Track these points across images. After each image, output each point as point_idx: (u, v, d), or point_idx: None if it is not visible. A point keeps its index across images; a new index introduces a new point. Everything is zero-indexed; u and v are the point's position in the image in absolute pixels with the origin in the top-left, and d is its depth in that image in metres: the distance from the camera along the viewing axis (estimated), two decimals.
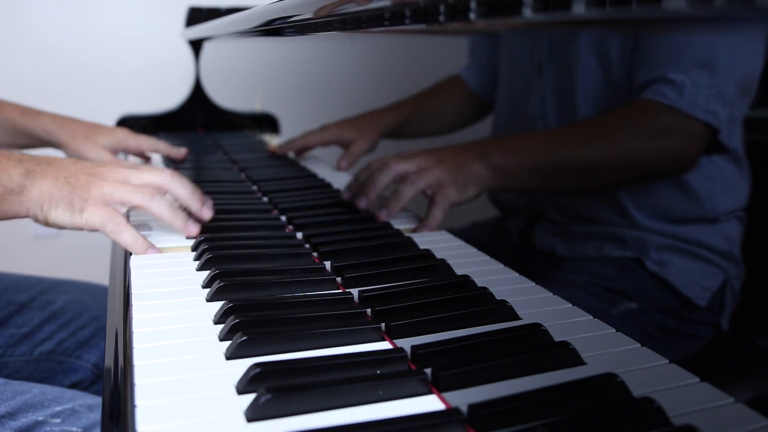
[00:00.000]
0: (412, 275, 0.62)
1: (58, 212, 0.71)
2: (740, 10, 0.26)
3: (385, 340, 0.50)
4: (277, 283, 0.60)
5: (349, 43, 0.93)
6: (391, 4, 0.53)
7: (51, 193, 0.71)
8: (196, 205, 0.76)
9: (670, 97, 0.50)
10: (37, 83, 1.90)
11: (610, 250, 0.55)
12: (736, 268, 0.45)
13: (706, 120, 0.48)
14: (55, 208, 0.71)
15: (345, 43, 0.95)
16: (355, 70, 0.96)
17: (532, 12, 0.35)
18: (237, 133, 1.57)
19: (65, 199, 0.71)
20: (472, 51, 0.73)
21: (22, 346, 0.95)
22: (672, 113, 0.51)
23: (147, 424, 0.39)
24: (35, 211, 0.71)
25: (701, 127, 0.49)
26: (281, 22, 0.84)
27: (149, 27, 1.98)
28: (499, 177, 0.69)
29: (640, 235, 0.52)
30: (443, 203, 0.72)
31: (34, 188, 0.70)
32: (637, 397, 0.41)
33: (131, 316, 0.54)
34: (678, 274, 0.50)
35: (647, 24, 0.47)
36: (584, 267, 0.59)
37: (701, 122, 0.49)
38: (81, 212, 0.71)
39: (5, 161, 0.71)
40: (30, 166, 0.71)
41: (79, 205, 0.71)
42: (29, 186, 0.70)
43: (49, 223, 0.72)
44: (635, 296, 0.53)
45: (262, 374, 0.42)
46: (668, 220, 0.51)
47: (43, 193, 0.71)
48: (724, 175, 0.47)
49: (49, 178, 0.71)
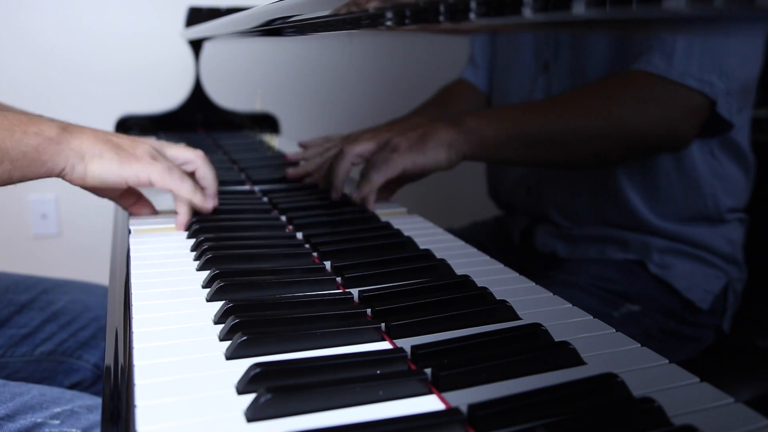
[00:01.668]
0: (412, 275, 0.62)
1: (103, 162, 0.70)
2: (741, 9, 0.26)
3: (385, 340, 0.50)
4: (277, 283, 0.60)
5: (349, 43, 0.93)
6: (391, 4, 0.53)
7: (93, 143, 0.70)
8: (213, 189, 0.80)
9: (659, 65, 0.47)
10: (37, 83, 1.90)
11: (613, 252, 0.55)
12: (739, 271, 0.45)
13: (701, 89, 0.45)
14: (99, 159, 0.70)
15: (345, 43, 0.95)
16: (355, 70, 0.96)
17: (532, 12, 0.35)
18: (237, 133, 1.57)
19: (111, 151, 0.71)
20: (478, 52, 0.73)
21: (22, 346, 0.95)
22: (661, 82, 0.47)
23: (147, 424, 0.39)
24: (74, 161, 0.70)
25: (695, 96, 0.45)
26: (281, 22, 0.84)
27: (149, 27, 1.98)
28: (475, 141, 0.67)
29: (642, 238, 0.52)
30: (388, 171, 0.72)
31: (74, 139, 0.70)
32: (637, 397, 0.41)
33: (131, 316, 0.54)
34: (680, 277, 0.49)
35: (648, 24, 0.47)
36: (586, 269, 0.58)
37: (695, 92, 0.45)
38: (131, 165, 0.72)
39: (41, 118, 0.71)
40: (66, 124, 0.71)
41: (128, 157, 0.71)
42: (69, 137, 0.69)
43: (87, 176, 0.71)
44: (637, 299, 0.53)
45: (262, 374, 0.42)
46: (673, 217, 0.50)
47: (84, 144, 0.70)
48: (726, 171, 0.46)
49: (88, 133, 0.71)
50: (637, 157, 0.52)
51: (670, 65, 0.47)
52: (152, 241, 0.74)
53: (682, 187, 0.49)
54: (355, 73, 0.96)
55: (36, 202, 1.99)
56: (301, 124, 1.14)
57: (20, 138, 0.67)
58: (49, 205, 1.99)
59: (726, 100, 0.45)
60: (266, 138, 1.37)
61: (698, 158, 0.47)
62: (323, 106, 1.09)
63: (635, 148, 0.53)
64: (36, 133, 0.68)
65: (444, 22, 0.46)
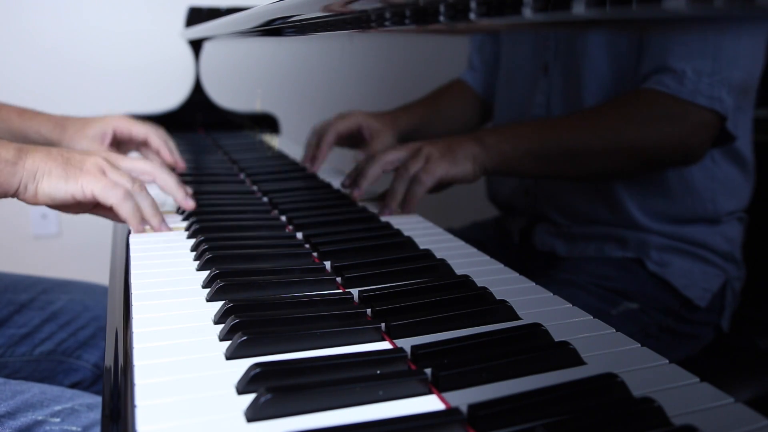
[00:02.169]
0: (412, 275, 0.62)
1: (51, 181, 0.71)
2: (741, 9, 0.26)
3: (385, 340, 0.50)
4: (277, 283, 0.60)
5: (349, 43, 0.93)
6: (391, 4, 0.53)
7: (45, 162, 0.71)
8: (181, 194, 0.79)
9: (670, 86, 0.48)
10: (37, 83, 1.90)
11: (611, 250, 0.55)
12: (737, 269, 0.45)
13: (711, 106, 0.46)
14: (48, 177, 0.71)
15: (345, 43, 0.95)
16: (355, 70, 0.96)
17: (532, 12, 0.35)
18: (237, 133, 1.57)
19: (60, 168, 0.72)
20: (477, 54, 0.73)
21: (22, 346, 0.95)
22: (672, 101, 0.49)
23: (147, 424, 0.39)
24: (27, 181, 0.71)
25: (706, 114, 0.47)
26: (281, 22, 0.84)
27: (149, 27, 1.98)
28: (495, 156, 0.69)
29: (640, 236, 0.52)
30: (427, 180, 0.73)
31: (28, 159, 0.71)
32: (637, 397, 0.41)
33: (131, 316, 0.54)
34: (679, 274, 0.50)
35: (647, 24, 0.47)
36: (584, 267, 0.58)
37: (705, 109, 0.47)
38: (76, 180, 0.72)
39: None
40: (22, 146, 0.73)
41: (74, 173, 0.72)
42: (23, 157, 0.71)
43: (39, 195, 0.72)
44: (635, 297, 0.53)
45: (262, 374, 0.42)
46: (669, 219, 0.51)
47: (37, 162, 0.71)
48: (725, 176, 0.46)
49: (42, 152, 0.73)
50: (650, 171, 0.53)
51: (681, 85, 0.48)
52: (152, 241, 0.74)
53: (679, 193, 0.49)
54: (356, 73, 0.96)
55: None
56: (301, 124, 1.14)
57: None
58: None
59: (734, 115, 0.46)
60: (266, 138, 1.37)
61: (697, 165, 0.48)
62: (323, 106, 1.09)
63: (648, 163, 0.54)
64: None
65: (444, 22, 0.46)
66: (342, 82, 1.01)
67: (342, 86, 1.01)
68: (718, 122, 0.46)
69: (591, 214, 0.58)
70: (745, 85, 0.44)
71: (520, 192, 0.67)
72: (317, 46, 1.06)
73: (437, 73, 0.78)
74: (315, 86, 1.12)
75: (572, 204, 0.61)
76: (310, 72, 1.12)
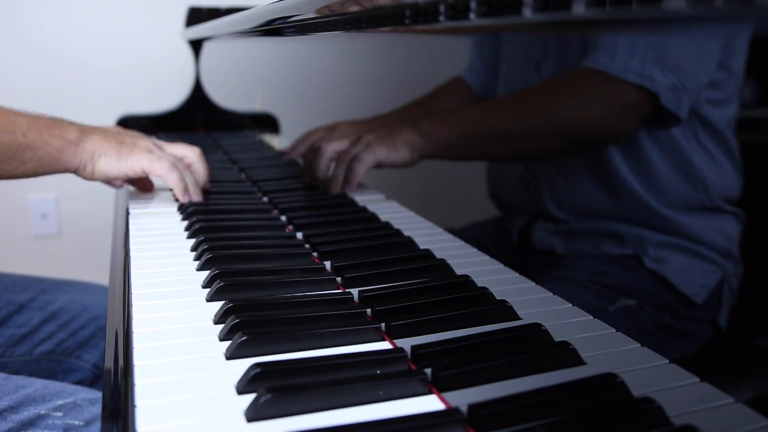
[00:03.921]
0: (412, 275, 0.62)
1: (107, 160, 0.84)
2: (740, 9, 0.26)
3: (385, 340, 0.50)
4: (277, 283, 0.60)
5: (349, 43, 0.93)
6: (391, 4, 0.53)
7: (102, 143, 0.84)
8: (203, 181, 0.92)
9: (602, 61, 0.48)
10: (37, 83, 1.90)
11: (609, 247, 0.55)
12: (734, 266, 0.45)
13: (641, 83, 0.46)
14: (104, 157, 0.84)
15: (345, 43, 0.95)
16: (355, 70, 0.96)
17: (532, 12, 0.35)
18: (237, 133, 1.57)
19: (114, 149, 0.84)
20: (476, 53, 0.73)
21: (21, 346, 0.95)
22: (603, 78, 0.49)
23: (147, 424, 0.39)
24: (86, 161, 0.83)
25: (636, 91, 0.46)
26: (281, 22, 0.84)
27: (149, 27, 1.98)
28: (431, 142, 0.73)
29: (638, 232, 0.52)
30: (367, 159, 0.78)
31: (88, 141, 0.83)
32: (637, 397, 0.41)
33: (131, 316, 0.54)
34: (676, 271, 0.50)
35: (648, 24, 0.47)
36: (582, 264, 0.58)
37: (636, 86, 0.46)
38: (128, 159, 0.84)
39: (63, 122, 0.84)
40: (83, 127, 0.85)
41: (126, 152, 0.85)
42: (84, 139, 0.83)
43: (95, 173, 0.84)
44: (633, 293, 0.53)
45: (262, 374, 0.42)
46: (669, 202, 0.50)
47: (95, 144, 0.84)
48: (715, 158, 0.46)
49: (99, 134, 0.85)
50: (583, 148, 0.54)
51: (612, 61, 0.48)
52: (152, 241, 0.74)
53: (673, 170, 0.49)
54: (356, 73, 0.96)
55: (36, 201, 1.99)
56: (301, 124, 1.14)
57: (47, 140, 0.80)
58: (49, 204, 1.99)
59: (673, 95, 0.45)
60: (266, 138, 1.37)
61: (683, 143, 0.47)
62: (323, 106, 1.09)
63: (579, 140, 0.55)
64: (60, 137, 0.81)
65: (444, 22, 0.46)
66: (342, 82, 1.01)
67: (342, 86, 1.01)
68: (650, 100, 0.46)
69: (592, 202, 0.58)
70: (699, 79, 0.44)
71: (521, 187, 0.67)
72: (317, 46, 1.06)
73: (437, 73, 0.78)
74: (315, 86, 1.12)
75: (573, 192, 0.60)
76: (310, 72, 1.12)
